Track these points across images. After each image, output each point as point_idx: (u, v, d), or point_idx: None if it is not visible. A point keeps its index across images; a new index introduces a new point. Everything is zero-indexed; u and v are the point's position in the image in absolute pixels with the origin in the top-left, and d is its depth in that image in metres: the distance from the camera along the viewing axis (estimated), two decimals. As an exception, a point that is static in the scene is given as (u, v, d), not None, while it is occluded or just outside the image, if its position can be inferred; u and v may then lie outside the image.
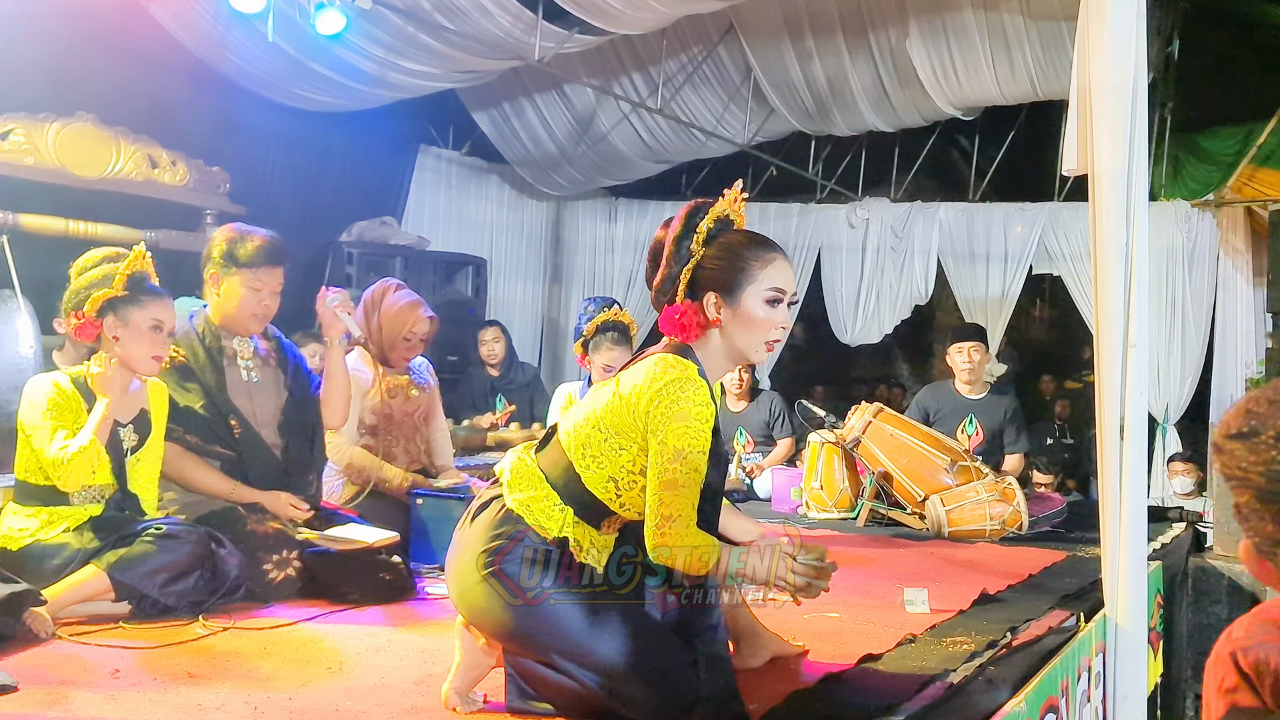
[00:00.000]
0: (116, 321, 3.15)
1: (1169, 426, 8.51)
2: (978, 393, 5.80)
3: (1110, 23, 3.33)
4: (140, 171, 5.59)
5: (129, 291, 3.17)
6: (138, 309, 3.17)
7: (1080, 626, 3.26)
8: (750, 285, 2.36)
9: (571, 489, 2.33)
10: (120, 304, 3.16)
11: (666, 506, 2.21)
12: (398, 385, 4.29)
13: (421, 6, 6.04)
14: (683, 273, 2.37)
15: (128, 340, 3.15)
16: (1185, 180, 8.54)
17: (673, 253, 2.38)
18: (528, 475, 2.36)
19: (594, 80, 8.00)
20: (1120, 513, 3.27)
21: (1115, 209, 3.34)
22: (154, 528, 3.00)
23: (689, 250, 2.37)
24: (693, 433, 2.23)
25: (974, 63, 7.44)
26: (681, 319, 2.37)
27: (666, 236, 2.41)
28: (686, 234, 2.38)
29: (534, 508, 2.31)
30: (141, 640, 2.75)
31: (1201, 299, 8.47)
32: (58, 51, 5.55)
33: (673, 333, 2.40)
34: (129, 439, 3.20)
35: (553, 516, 2.32)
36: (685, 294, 2.37)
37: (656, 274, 2.41)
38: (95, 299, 3.14)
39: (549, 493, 2.33)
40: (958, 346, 5.81)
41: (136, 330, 3.16)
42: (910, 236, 9.48)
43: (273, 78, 6.48)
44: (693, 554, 2.22)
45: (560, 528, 2.31)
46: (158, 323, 3.19)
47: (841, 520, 5.31)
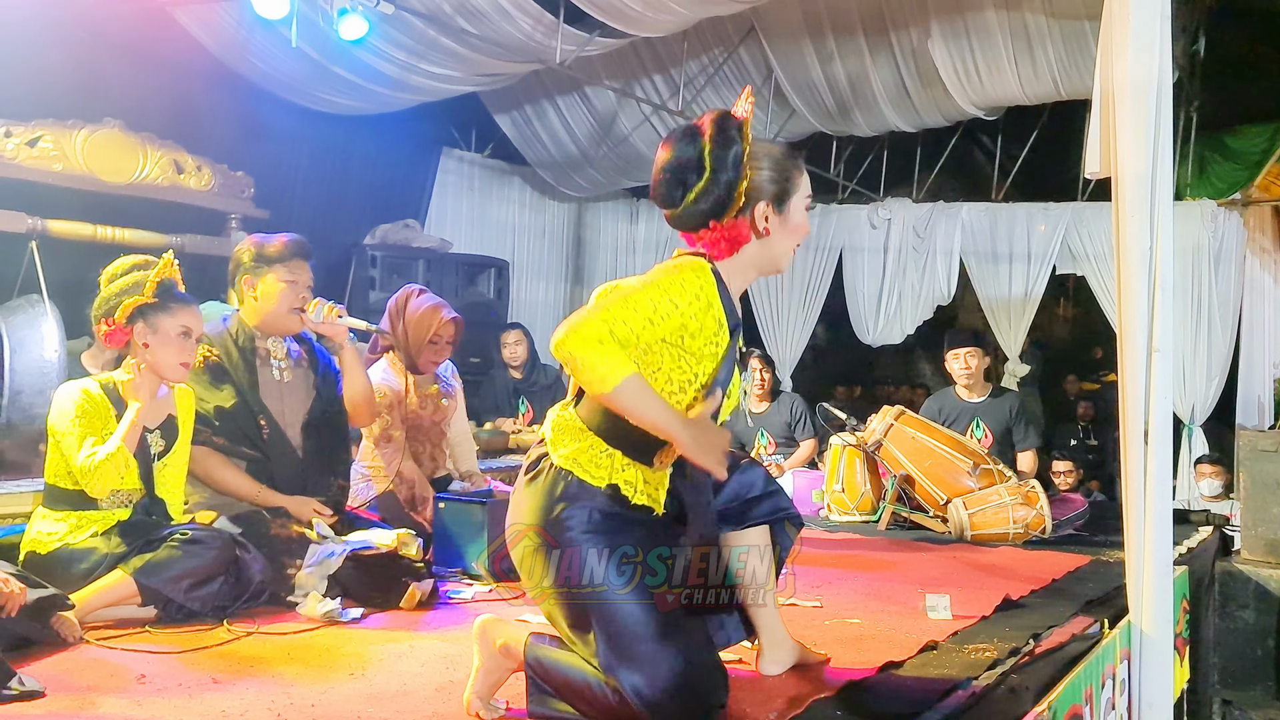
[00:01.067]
0: (146, 328, 3.19)
1: (1195, 427, 8.44)
2: (979, 395, 5.77)
3: (1134, 24, 3.31)
4: (166, 177, 5.65)
5: (159, 299, 3.21)
6: (167, 316, 3.20)
7: (1104, 633, 3.24)
8: (796, 194, 2.39)
9: (616, 428, 2.28)
10: (150, 311, 3.19)
11: (580, 312, 2.20)
12: (429, 395, 4.32)
13: (443, 10, 6.07)
14: (740, 184, 2.29)
15: (157, 346, 3.18)
16: (1211, 179, 8.48)
17: (718, 163, 2.28)
18: (570, 429, 2.34)
19: (615, 82, 8.01)
20: (1145, 518, 3.24)
21: (1139, 212, 3.32)
22: (180, 533, 3.03)
23: (739, 160, 2.29)
24: (657, 283, 2.24)
25: (996, 62, 7.41)
26: (734, 234, 2.33)
27: (701, 148, 2.29)
28: (728, 142, 2.29)
29: (580, 459, 2.30)
30: (167, 645, 2.78)
31: (1228, 299, 8.41)
32: (85, 58, 5.63)
33: (720, 250, 2.35)
34: (156, 444, 3.23)
35: (600, 464, 2.30)
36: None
37: (690, 191, 2.30)
38: (126, 306, 3.17)
39: (594, 441, 2.31)
40: (953, 353, 5.78)
41: (166, 337, 3.19)
42: (932, 236, 9.45)
43: (296, 81, 6.53)
44: (588, 370, 2.16)
45: (609, 475, 2.29)
46: (186, 329, 3.23)
47: (863, 523, 5.30)
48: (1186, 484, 8.07)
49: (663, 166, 2.33)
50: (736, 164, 2.29)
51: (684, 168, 2.30)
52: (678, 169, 2.31)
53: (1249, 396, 8.51)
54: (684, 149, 2.31)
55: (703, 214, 2.32)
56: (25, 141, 5.14)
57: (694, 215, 2.33)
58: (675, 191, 2.32)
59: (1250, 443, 4.90)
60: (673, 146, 2.33)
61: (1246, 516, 4.92)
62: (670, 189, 2.33)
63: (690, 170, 2.30)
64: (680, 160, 2.31)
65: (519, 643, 2.45)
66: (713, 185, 2.29)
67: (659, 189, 2.35)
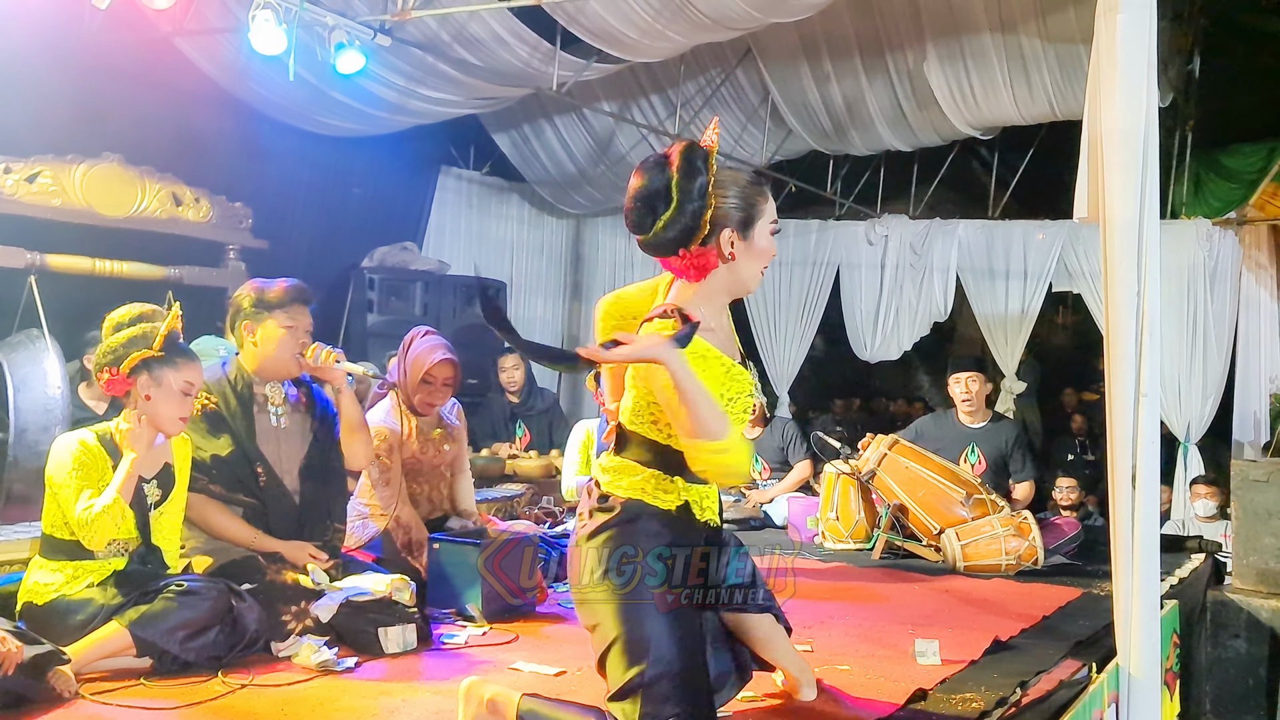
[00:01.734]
0: (150, 381, 3.20)
1: (1191, 445, 8.46)
2: (979, 421, 5.80)
3: (1120, 71, 3.33)
4: (164, 210, 5.69)
5: (165, 353, 3.22)
6: (172, 370, 3.22)
7: (1093, 678, 3.26)
8: (760, 220, 2.47)
9: (669, 459, 2.44)
10: (155, 364, 3.20)
11: (722, 428, 2.31)
12: (430, 439, 4.34)
13: (441, 38, 6.11)
14: (705, 213, 2.38)
15: (159, 400, 3.20)
16: (1207, 198, 8.50)
17: (684, 194, 2.37)
18: (627, 468, 2.48)
19: (612, 104, 8.05)
20: (1133, 560, 3.27)
21: (1126, 257, 3.35)
22: (175, 584, 3.06)
23: (704, 190, 2.38)
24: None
25: (992, 84, 7.45)
26: (702, 260, 2.44)
27: (669, 179, 2.38)
28: (694, 173, 2.38)
29: (647, 488, 2.44)
30: (162, 699, 2.80)
31: (1223, 317, 8.42)
32: (85, 88, 5.67)
33: (688, 276, 2.46)
34: (153, 494, 3.26)
35: (667, 489, 2.45)
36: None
37: (659, 219, 2.39)
38: (133, 358, 3.19)
39: (654, 474, 2.45)
40: (955, 377, 5.82)
41: (169, 391, 3.21)
42: (929, 253, 9.47)
43: (295, 105, 6.56)
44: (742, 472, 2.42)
45: (677, 497, 2.46)
46: (189, 385, 3.25)
47: (857, 551, 5.32)
48: (1181, 504, 8.09)
49: (634, 195, 2.43)
50: (702, 194, 2.39)
51: (653, 196, 2.40)
52: (648, 198, 2.41)
53: (1245, 414, 8.53)
54: (653, 178, 2.40)
55: (671, 241, 2.42)
56: (24, 178, 5.18)
57: (664, 242, 2.42)
58: (646, 219, 2.42)
59: (1242, 473, 4.92)
60: (643, 176, 2.43)
61: (1238, 546, 4.96)
62: (641, 216, 2.42)
63: (659, 199, 2.39)
64: (650, 189, 2.40)
65: (507, 700, 2.49)
66: (680, 214, 2.38)
67: (631, 216, 2.45)
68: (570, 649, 3.38)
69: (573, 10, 5.91)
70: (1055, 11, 6.82)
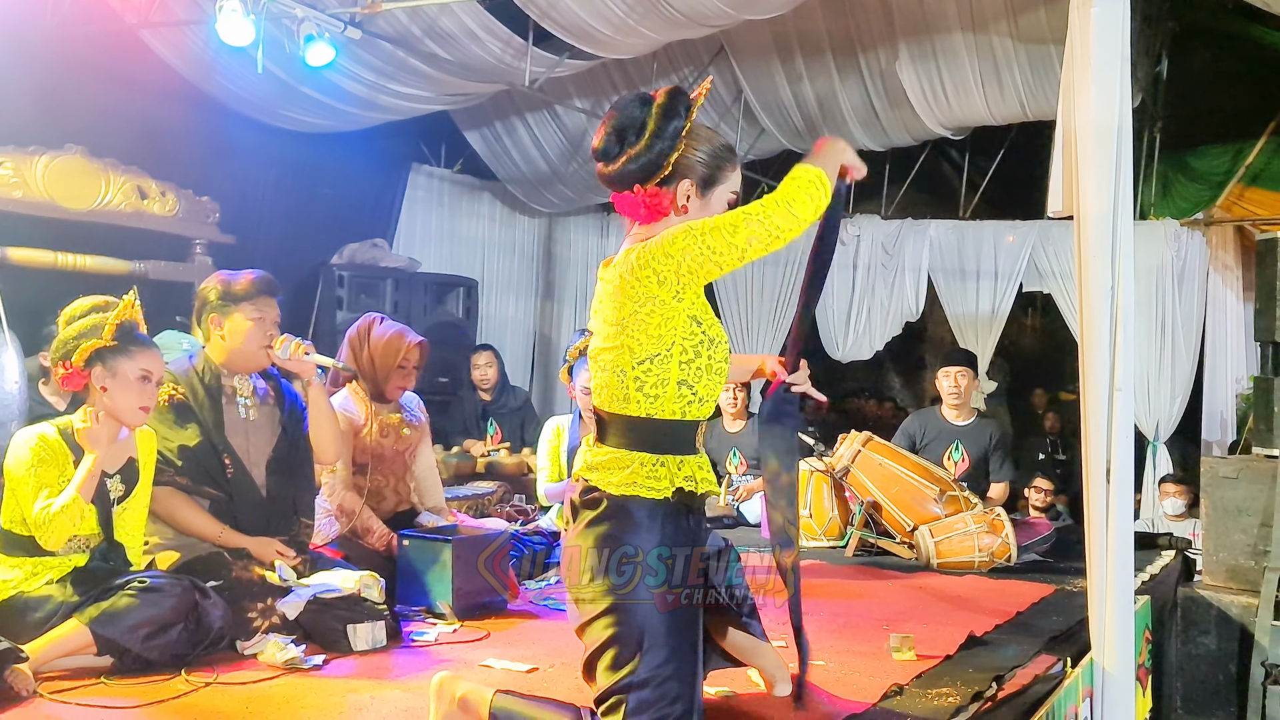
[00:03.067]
0: (105, 372, 3.13)
1: (1160, 445, 8.51)
2: (965, 419, 5.80)
3: (1095, 67, 3.34)
4: (129, 203, 5.59)
5: (118, 341, 3.15)
6: (126, 359, 3.15)
7: (1067, 672, 3.26)
8: (722, 185, 2.45)
9: (659, 433, 2.37)
10: (108, 354, 3.13)
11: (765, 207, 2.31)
12: (390, 424, 4.29)
13: (412, 33, 6.05)
14: (671, 155, 2.36)
15: (115, 391, 3.13)
16: (1175, 199, 8.57)
17: (657, 130, 2.35)
18: (612, 460, 2.38)
19: (585, 101, 8.01)
20: (1107, 555, 3.27)
21: (1101, 252, 3.36)
22: (137, 580, 2.98)
23: (677, 133, 2.36)
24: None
25: (963, 84, 7.46)
26: (654, 201, 2.40)
27: (647, 114, 2.37)
28: (672, 115, 2.36)
29: (638, 480, 2.34)
30: (123, 698, 2.74)
31: (1191, 317, 8.48)
32: (49, 81, 5.56)
33: (637, 215, 2.43)
34: (116, 489, 3.18)
35: (658, 476, 2.36)
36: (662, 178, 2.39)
37: (625, 151, 2.38)
38: (84, 349, 3.11)
39: (641, 458, 2.36)
40: (945, 371, 5.83)
41: (125, 381, 3.14)
42: (901, 253, 9.48)
43: (264, 101, 6.48)
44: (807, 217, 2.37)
45: (670, 482, 2.35)
46: (146, 373, 3.18)
47: (831, 549, 5.31)
48: (1151, 502, 8.14)
49: (609, 123, 2.42)
50: (675, 135, 2.37)
51: (627, 128, 2.40)
52: (621, 128, 2.40)
53: (1213, 413, 8.59)
54: (632, 110, 2.40)
55: (631, 175, 2.39)
56: (-15, 170, 5.08)
57: (624, 175, 2.40)
58: (613, 148, 2.41)
59: (1212, 470, 4.95)
60: (623, 106, 2.43)
61: (1208, 543, 4.98)
62: (609, 145, 2.41)
63: (632, 131, 2.39)
64: (625, 120, 2.40)
65: (480, 698, 2.44)
66: (647, 150, 2.37)
67: (600, 143, 2.43)
68: (542, 646, 3.35)
69: (545, 5, 5.87)
70: (1026, 11, 6.85)
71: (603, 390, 2.42)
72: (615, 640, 2.29)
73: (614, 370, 2.38)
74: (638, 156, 2.36)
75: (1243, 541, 4.75)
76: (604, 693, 2.29)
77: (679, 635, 2.30)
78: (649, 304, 2.32)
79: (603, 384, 2.42)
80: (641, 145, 2.36)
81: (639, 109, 2.38)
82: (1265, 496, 4.67)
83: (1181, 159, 8.57)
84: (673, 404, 2.35)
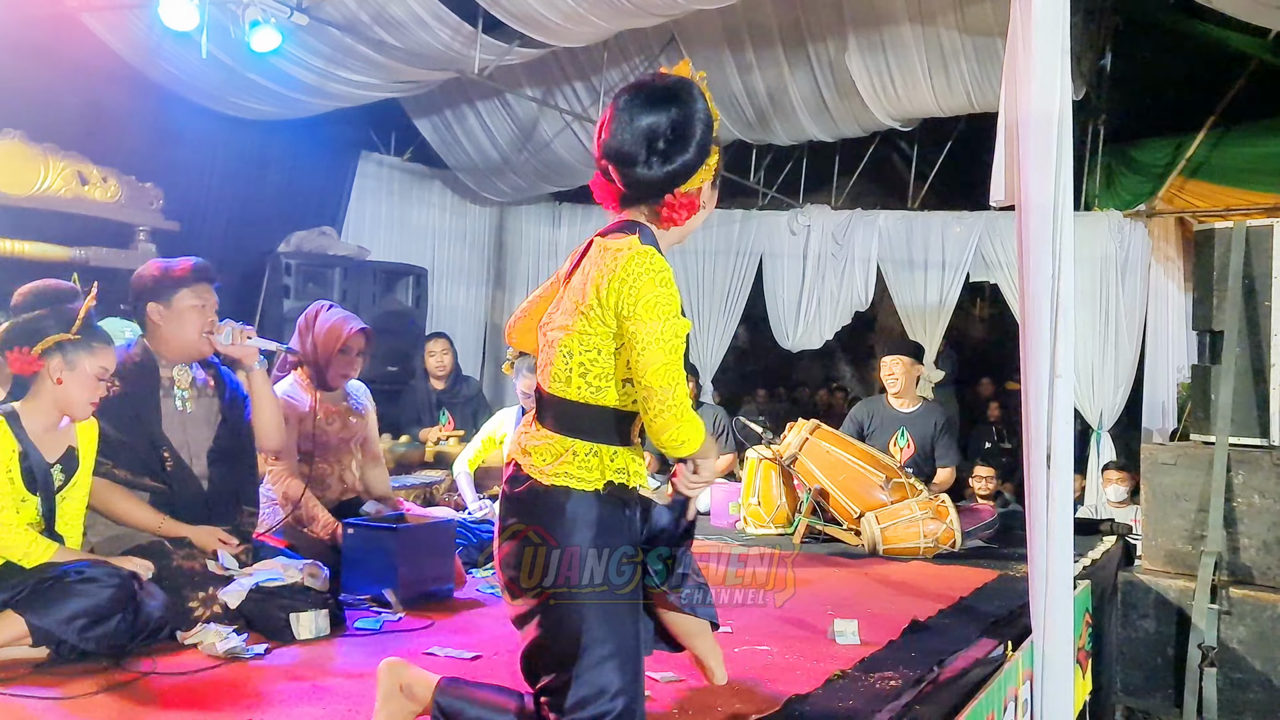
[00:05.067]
0: (63, 364, 3.06)
1: (1103, 433, 8.65)
2: (910, 406, 5.87)
3: (1036, 60, 3.38)
4: (70, 189, 5.48)
5: (81, 335, 3.09)
6: (88, 355, 3.09)
7: (1008, 655, 3.31)
8: (717, 174, 2.44)
9: (596, 422, 2.33)
10: (71, 347, 3.07)
11: (667, 391, 2.23)
12: (335, 411, 4.27)
13: (360, 20, 5.98)
14: (708, 157, 2.32)
15: (71, 384, 3.06)
16: (1118, 190, 8.69)
17: (706, 131, 2.28)
18: (547, 446, 2.34)
19: (536, 90, 7.98)
20: (1047, 540, 3.33)
21: (1041, 242, 3.41)
22: (75, 571, 2.94)
23: (709, 132, 2.31)
24: (673, 312, 2.26)
25: (911, 75, 7.52)
26: (690, 203, 2.35)
27: (684, 115, 2.25)
28: (701, 113, 2.28)
29: (571, 470, 2.31)
30: (59, 690, 2.69)
31: (1134, 307, 8.62)
32: (-12, 62, 5.44)
33: (677, 218, 2.36)
34: (57, 478, 3.13)
35: (590, 467, 2.32)
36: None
37: (662, 156, 2.27)
38: (48, 340, 3.04)
39: (574, 445, 2.32)
40: (885, 360, 5.93)
41: (82, 376, 3.08)
42: (850, 244, 9.55)
43: (210, 87, 6.38)
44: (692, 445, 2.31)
45: (601, 474, 2.31)
46: (103, 371, 3.13)
47: (779, 536, 5.34)
48: (1094, 489, 8.28)
49: (631, 123, 2.27)
50: (708, 136, 2.31)
51: (657, 130, 2.26)
52: (651, 131, 2.26)
53: (1154, 402, 8.75)
54: (657, 109, 2.27)
55: (668, 179, 2.30)
56: (-82, 153, 4.96)
57: (660, 180, 2.30)
58: (640, 153, 2.28)
59: (1151, 456, 5.03)
60: (643, 103, 2.28)
61: (1148, 528, 5.07)
62: (634, 149, 2.28)
63: (662, 136, 2.27)
64: (654, 121, 2.26)
65: (424, 685, 2.44)
66: (686, 155, 2.28)
67: (624, 146, 2.28)
68: (487, 633, 3.35)
69: (495, -8, 5.83)
70: (973, 4, 6.91)
71: (546, 369, 2.39)
72: (551, 635, 2.27)
73: (561, 351, 2.35)
74: (679, 160, 2.28)
75: (1180, 527, 4.84)
76: (543, 687, 2.28)
77: (618, 628, 2.28)
78: (605, 312, 2.29)
79: (548, 362, 2.39)
80: (687, 150, 2.27)
81: (663, 106, 2.26)
82: (1202, 483, 4.76)
83: (1124, 151, 8.70)
84: (614, 397, 2.33)
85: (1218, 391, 4.83)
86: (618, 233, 2.36)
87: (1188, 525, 4.81)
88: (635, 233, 2.34)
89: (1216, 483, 4.69)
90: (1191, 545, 4.79)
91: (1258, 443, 4.74)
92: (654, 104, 2.28)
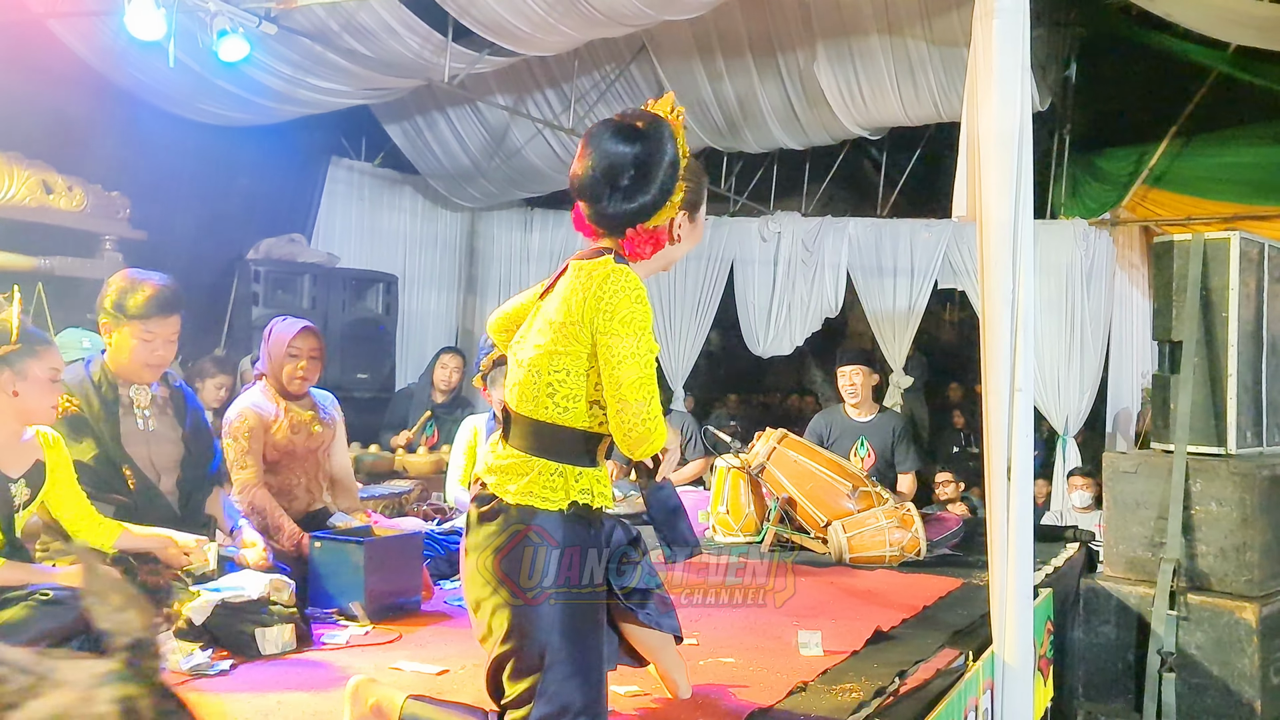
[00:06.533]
0: (14, 376, 3.01)
1: (1069, 439, 8.75)
2: (867, 414, 5.92)
3: (997, 77, 3.43)
4: (34, 197, 5.45)
5: (22, 344, 3.06)
6: (34, 360, 3.04)
7: (969, 666, 3.35)
8: (702, 205, 2.50)
9: (561, 442, 2.34)
10: (16, 358, 3.03)
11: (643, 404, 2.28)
12: (301, 421, 4.26)
13: (329, 28, 5.98)
14: (673, 194, 2.36)
15: (28, 394, 3.03)
16: (1083, 199, 8.80)
17: (670, 171, 2.33)
18: (513, 466, 2.36)
19: (507, 97, 7.99)
20: (1008, 552, 3.37)
21: (1003, 257, 3.45)
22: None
23: (675, 170, 2.34)
24: (645, 329, 2.30)
25: (879, 85, 7.59)
26: (656, 238, 2.39)
27: (644, 154, 2.30)
28: (667, 152, 2.32)
29: (535, 489, 2.32)
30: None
31: (1099, 314, 8.72)
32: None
33: (640, 254, 2.39)
34: (20, 494, 3.10)
35: (555, 487, 2.33)
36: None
37: (622, 193, 2.32)
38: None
39: (540, 464, 2.34)
40: (841, 370, 5.95)
41: (36, 382, 3.04)
42: (821, 250, 9.60)
43: (177, 93, 6.36)
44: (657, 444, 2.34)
45: (565, 494, 2.33)
46: (54, 372, 3.10)
47: (747, 544, 5.38)
48: (1060, 495, 8.37)
49: (594, 161, 2.33)
50: (673, 173, 2.35)
51: (618, 168, 2.32)
52: (612, 169, 2.32)
53: (1118, 407, 8.87)
54: (619, 148, 2.32)
55: (628, 216, 2.35)
56: (-121, 161, 4.92)
57: (619, 216, 2.36)
58: (603, 190, 2.35)
59: (1113, 464, 5.10)
60: (607, 141, 2.33)
61: (1109, 535, 5.14)
62: (597, 187, 2.35)
63: (624, 172, 2.32)
64: (615, 159, 2.31)
65: (391, 703, 2.45)
66: (648, 193, 2.33)
67: (587, 183, 2.35)
68: (454, 647, 3.36)
69: (464, 2, 5.84)
70: (940, 15, 6.98)
71: (515, 388, 2.41)
72: (516, 652, 2.29)
73: (531, 370, 2.37)
74: (638, 200, 2.33)
75: (1141, 534, 4.90)
76: (508, 704, 2.30)
77: (581, 645, 2.30)
78: (580, 329, 2.32)
79: (517, 381, 2.41)
80: (647, 191, 2.32)
81: (627, 145, 2.31)
82: (1161, 490, 4.82)
83: (1089, 160, 8.81)
84: (582, 419, 2.35)
85: (1177, 401, 4.91)
86: (594, 257, 2.39)
87: (1148, 532, 4.88)
88: (610, 255, 2.38)
89: (1175, 491, 4.75)
90: (1151, 552, 4.86)
91: (1215, 451, 4.82)
92: (620, 142, 2.32)
